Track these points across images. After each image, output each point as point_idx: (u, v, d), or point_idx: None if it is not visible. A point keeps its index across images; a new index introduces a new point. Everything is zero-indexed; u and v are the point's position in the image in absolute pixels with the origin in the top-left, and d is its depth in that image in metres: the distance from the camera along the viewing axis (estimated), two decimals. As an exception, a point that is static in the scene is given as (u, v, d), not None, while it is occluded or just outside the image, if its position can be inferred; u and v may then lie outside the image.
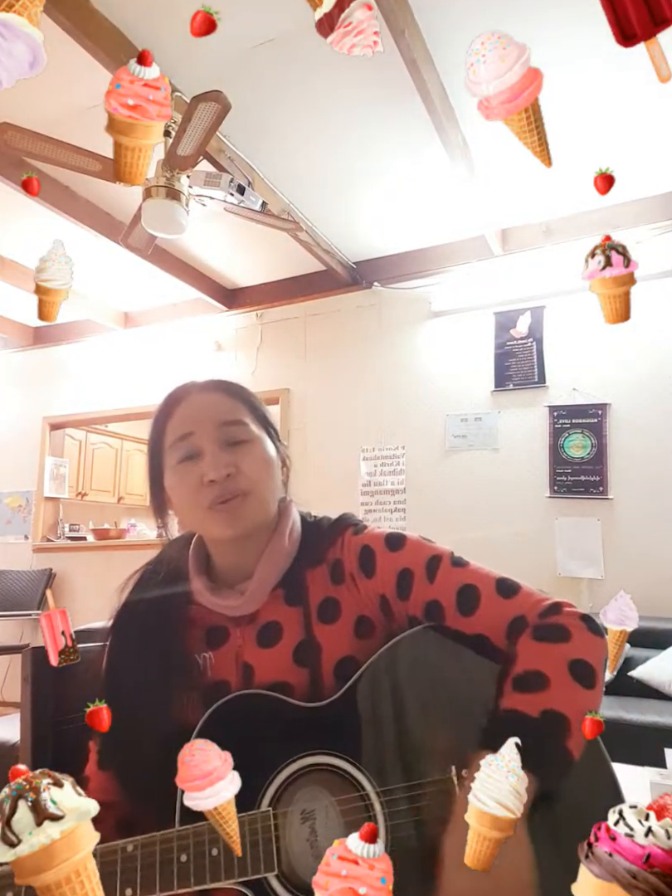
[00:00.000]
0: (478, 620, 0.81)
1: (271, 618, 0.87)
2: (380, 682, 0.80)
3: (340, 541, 0.91)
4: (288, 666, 0.84)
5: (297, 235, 3.43)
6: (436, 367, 4.01)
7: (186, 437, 0.86)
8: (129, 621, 0.91)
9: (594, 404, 3.55)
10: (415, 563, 0.85)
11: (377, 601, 0.87)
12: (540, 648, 0.76)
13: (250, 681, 0.85)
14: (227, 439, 0.86)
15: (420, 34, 2.31)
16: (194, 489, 0.84)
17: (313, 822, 0.74)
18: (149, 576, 0.95)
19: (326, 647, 0.85)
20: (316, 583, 0.89)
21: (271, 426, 0.94)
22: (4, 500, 5.23)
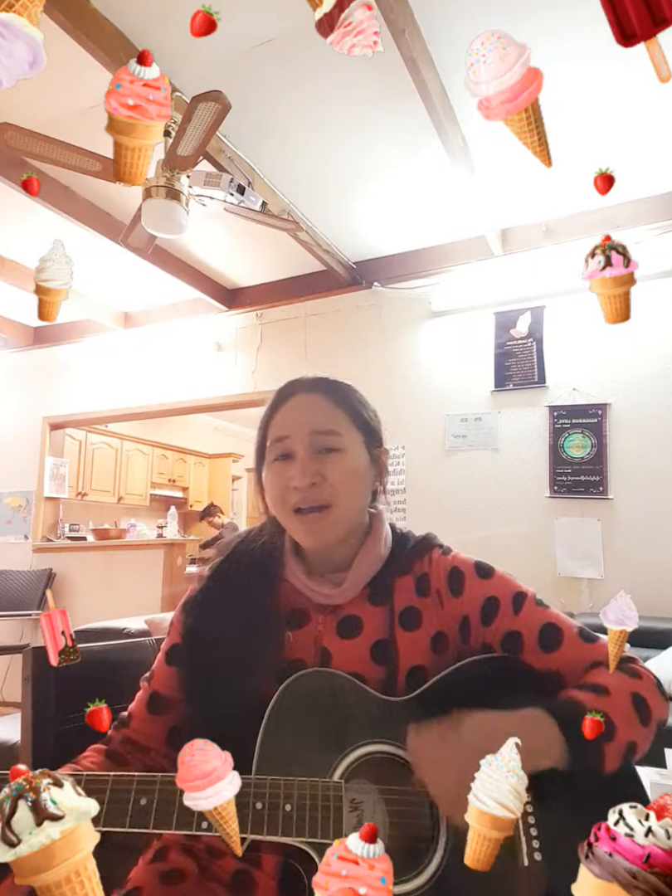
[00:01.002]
0: (557, 658, 0.85)
1: (353, 612, 0.90)
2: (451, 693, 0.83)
3: (428, 557, 0.94)
4: (364, 660, 0.87)
5: (297, 235, 3.43)
6: (436, 367, 4.01)
7: (283, 440, 0.90)
8: (222, 581, 0.94)
9: (594, 404, 3.55)
10: (502, 594, 0.89)
11: (458, 621, 0.89)
12: (612, 675, 0.79)
13: (327, 665, 0.88)
14: (319, 447, 0.89)
15: (420, 34, 2.31)
16: (282, 490, 0.89)
17: (360, 814, 0.77)
18: (248, 542, 0.99)
19: (403, 651, 0.87)
20: (401, 590, 0.91)
21: (373, 433, 0.97)
22: (4, 499, 5.23)
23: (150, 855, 0.85)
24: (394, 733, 0.80)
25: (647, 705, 0.78)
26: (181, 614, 0.95)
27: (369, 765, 0.78)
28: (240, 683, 0.84)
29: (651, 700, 0.79)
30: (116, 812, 0.70)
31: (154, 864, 0.83)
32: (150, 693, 0.93)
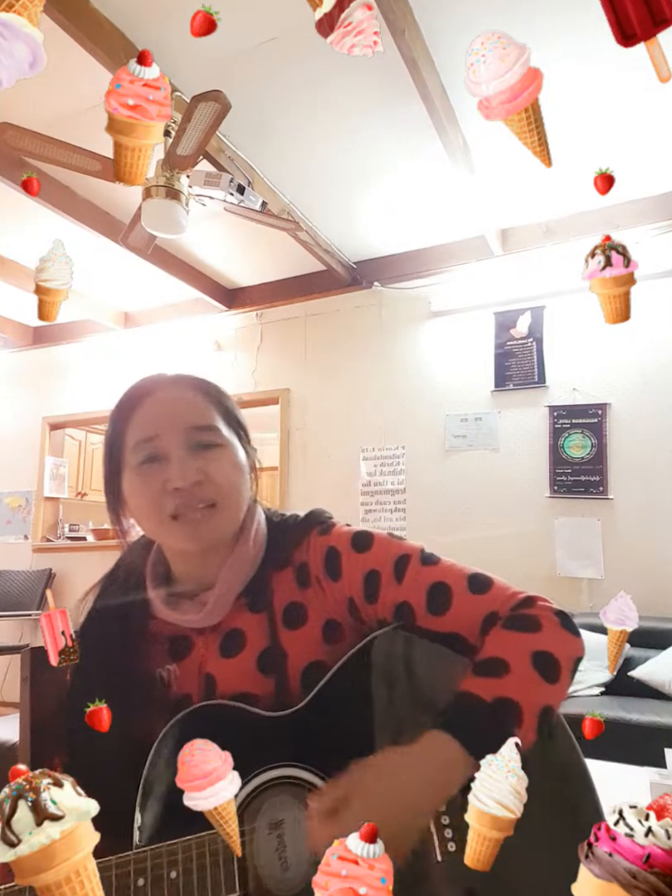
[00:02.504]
0: (450, 619, 0.78)
1: (234, 625, 0.83)
2: (346, 687, 0.77)
3: (307, 542, 0.86)
4: (252, 675, 0.81)
5: (297, 235, 3.43)
6: (436, 367, 4.01)
7: (151, 440, 0.79)
8: (89, 636, 0.85)
9: (594, 404, 3.55)
10: (382, 564, 0.81)
11: (345, 604, 0.83)
12: (506, 636, 0.74)
13: (212, 692, 0.81)
14: (197, 443, 0.80)
15: (420, 34, 2.31)
16: (156, 495, 0.78)
17: (282, 833, 0.72)
18: (108, 587, 0.90)
19: (292, 653, 0.81)
20: (281, 587, 0.85)
21: (242, 429, 0.88)
22: (4, 500, 5.23)
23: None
24: (286, 752, 0.74)
25: (552, 659, 0.72)
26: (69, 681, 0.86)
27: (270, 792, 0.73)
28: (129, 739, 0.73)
29: (556, 650, 0.73)
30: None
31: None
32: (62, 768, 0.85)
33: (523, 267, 3.78)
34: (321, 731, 0.75)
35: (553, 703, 0.71)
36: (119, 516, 0.86)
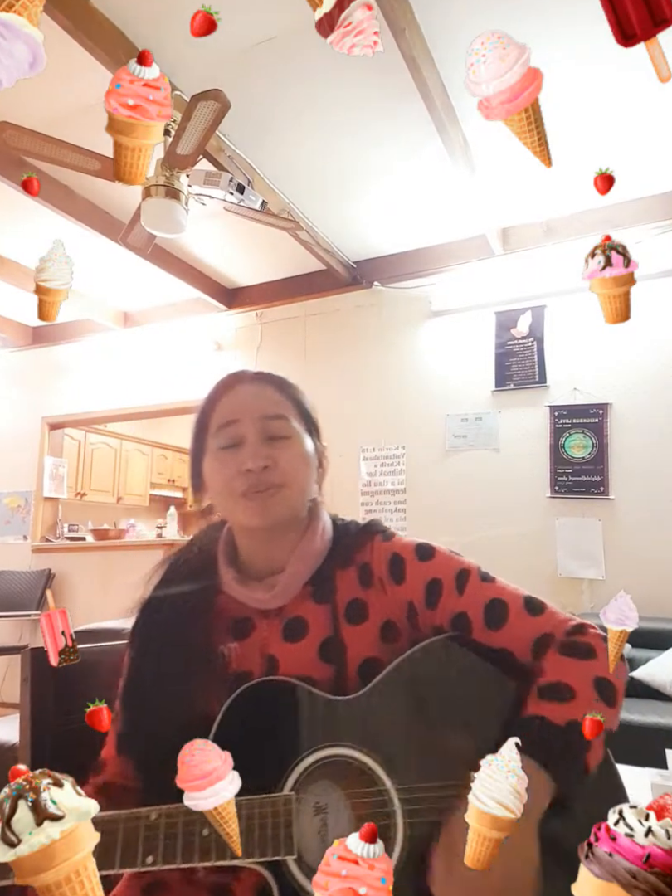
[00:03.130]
0: (504, 635, 0.83)
1: (298, 613, 0.89)
2: (403, 683, 0.82)
3: (370, 546, 0.92)
4: (313, 661, 0.85)
5: (297, 235, 3.43)
6: (436, 367, 4.01)
7: (230, 425, 0.89)
8: (156, 609, 0.92)
9: (595, 404, 3.55)
10: (444, 575, 0.87)
11: (404, 608, 0.88)
12: (567, 663, 0.78)
13: (274, 673, 0.86)
14: (269, 433, 0.88)
15: (420, 33, 2.31)
16: (231, 476, 0.86)
17: (325, 816, 0.75)
18: (179, 562, 0.96)
19: (352, 646, 0.86)
20: (344, 583, 0.90)
21: (314, 425, 0.97)
22: (3, 500, 5.23)
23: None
24: (344, 734, 0.78)
25: (610, 685, 0.77)
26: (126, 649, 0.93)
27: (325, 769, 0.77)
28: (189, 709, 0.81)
29: (613, 677, 0.77)
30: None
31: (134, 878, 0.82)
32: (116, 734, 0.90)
33: (524, 266, 3.78)
34: (377, 719, 0.79)
35: (613, 726, 0.76)
36: (200, 496, 0.94)
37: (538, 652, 0.82)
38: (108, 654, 1.18)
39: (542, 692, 0.76)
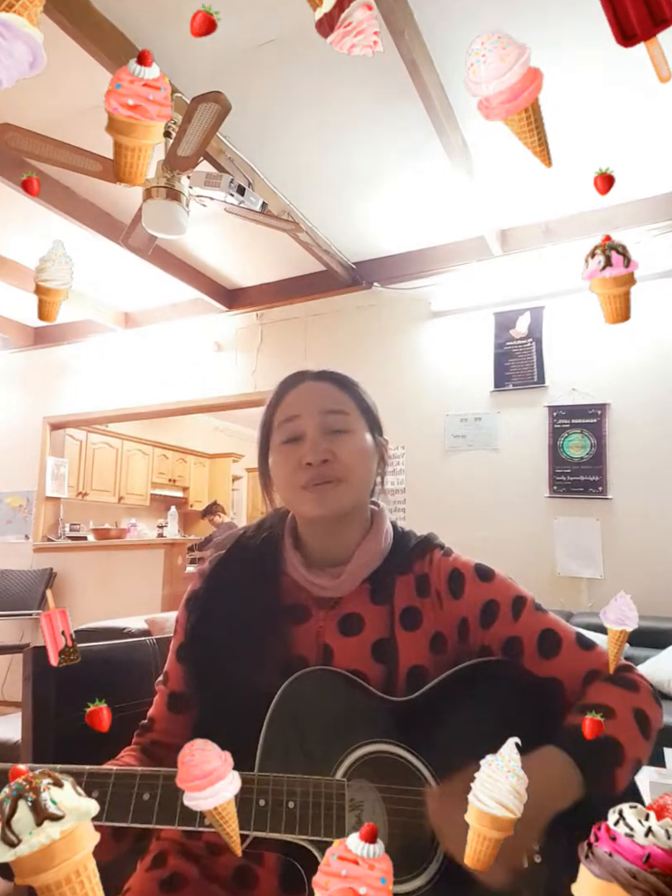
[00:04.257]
0: (556, 665, 0.85)
1: (354, 609, 0.90)
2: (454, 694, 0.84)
3: (430, 557, 0.94)
4: (366, 658, 0.87)
5: (297, 236, 3.43)
6: (436, 367, 4.01)
7: (292, 420, 0.92)
8: (222, 578, 0.94)
9: (593, 404, 3.55)
10: (502, 598, 0.89)
11: (457, 623, 0.89)
12: (611, 690, 0.81)
13: (329, 662, 0.88)
14: (329, 427, 0.91)
15: (420, 34, 2.31)
16: (293, 469, 0.89)
17: (360, 813, 0.76)
18: (248, 537, 0.99)
19: (403, 651, 0.87)
20: (402, 589, 0.91)
21: (375, 421, 0.99)
22: (5, 499, 5.23)
23: (149, 861, 0.84)
24: (396, 733, 0.80)
25: (647, 719, 0.79)
26: (185, 612, 0.95)
27: (371, 764, 0.78)
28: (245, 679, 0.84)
29: (650, 713, 0.80)
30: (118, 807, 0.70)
31: (153, 871, 0.83)
32: (169, 693, 0.94)
33: (523, 267, 3.78)
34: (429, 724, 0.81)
35: (644, 758, 0.78)
36: (268, 487, 0.97)
37: (586, 684, 0.84)
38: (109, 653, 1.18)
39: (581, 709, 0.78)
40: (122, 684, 1.09)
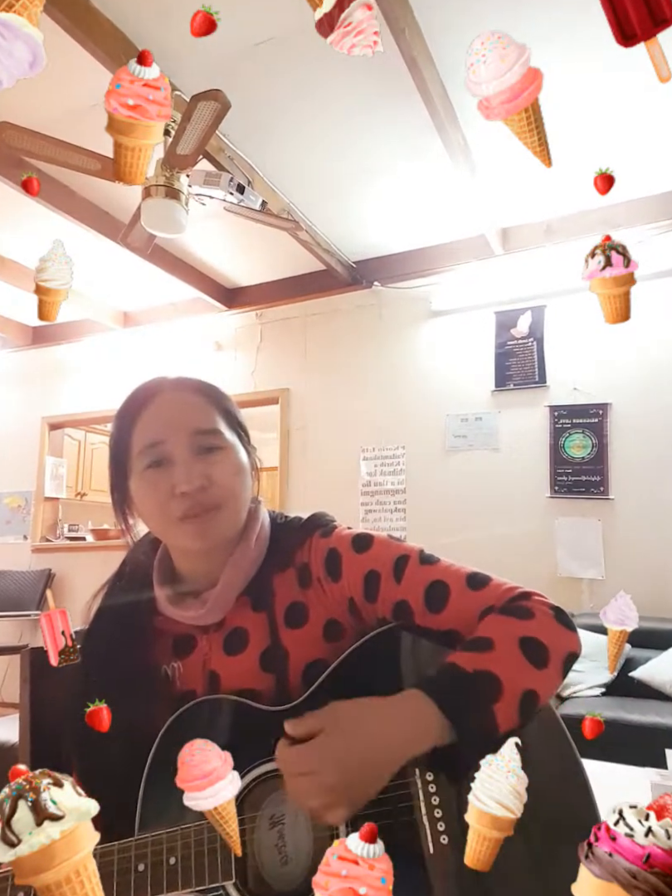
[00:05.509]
0: (448, 616, 0.79)
1: (238, 624, 0.86)
2: (345, 684, 0.78)
3: (308, 543, 0.89)
4: (254, 672, 0.83)
5: (297, 235, 3.43)
6: (436, 367, 4.01)
7: (156, 445, 0.82)
8: (96, 633, 0.88)
9: (595, 404, 3.55)
10: (381, 564, 0.83)
11: (346, 604, 0.85)
12: (496, 620, 0.75)
13: (216, 689, 0.84)
14: (200, 447, 0.82)
15: (420, 33, 2.31)
16: (164, 499, 0.80)
17: (282, 828, 0.73)
18: (116, 584, 0.93)
19: (293, 652, 0.83)
20: (283, 587, 0.87)
21: (243, 430, 0.90)
22: (3, 500, 5.23)
23: None
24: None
25: (540, 646, 0.73)
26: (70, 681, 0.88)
27: (266, 783, 0.75)
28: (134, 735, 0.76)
29: (546, 638, 0.73)
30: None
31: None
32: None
33: (524, 266, 3.78)
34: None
35: (538, 688, 0.71)
36: (126, 516, 0.89)
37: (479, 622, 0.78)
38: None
39: (463, 645, 0.75)
40: (121, 684, 1.09)
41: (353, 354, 4.23)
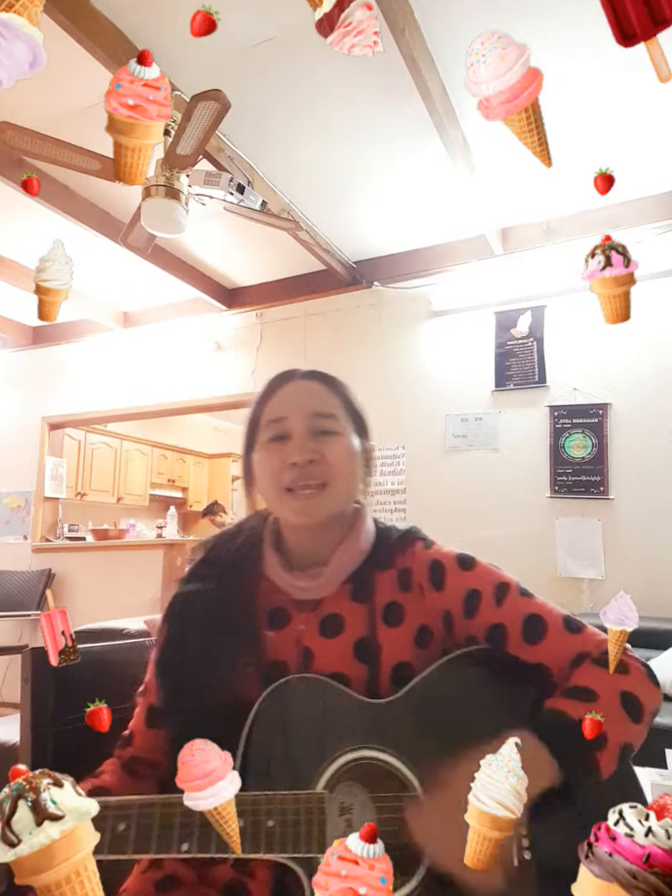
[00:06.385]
0: (541, 651, 0.83)
1: (335, 610, 0.89)
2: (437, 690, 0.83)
3: (411, 551, 0.94)
4: (348, 659, 0.86)
5: (297, 235, 3.43)
6: (436, 367, 4.01)
7: (279, 421, 0.91)
8: (198, 586, 0.93)
9: (595, 404, 3.55)
10: (484, 586, 0.88)
11: (440, 615, 0.89)
12: (596, 672, 0.79)
13: (309, 666, 0.87)
14: (317, 428, 0.90)
15: (420, 33, 2.31)
16: (277, 469, 0.88)
17: (350, 818, 0.76)
18: (224, 543, 0.98)
19: (386, 648, 0.86)
20: (384, 585, 0.91)
21: (363, 424, 0.98)
22: (3, 500, 5.23)
23: (145, 863, 0.84)
24: (379, 737, 0.79)
25: (637, 702, 0.77)
26: (164, 622, 0.94)
27: (355, 771, 0.78)
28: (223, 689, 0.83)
29: (641, 695, 0.78)
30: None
31: (148, 872, 0.82)
32: (147, 707, 0.92)
33: (524, 266, 3.77)
34: (410, 724, 0.80)
35: (634, 741, 0.76)
36: (250, 487, 0.96)
37: (574, 667, 0.82)
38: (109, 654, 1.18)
39: (566, 692, 0.78)
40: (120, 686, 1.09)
41: (353, 354, 4.23)
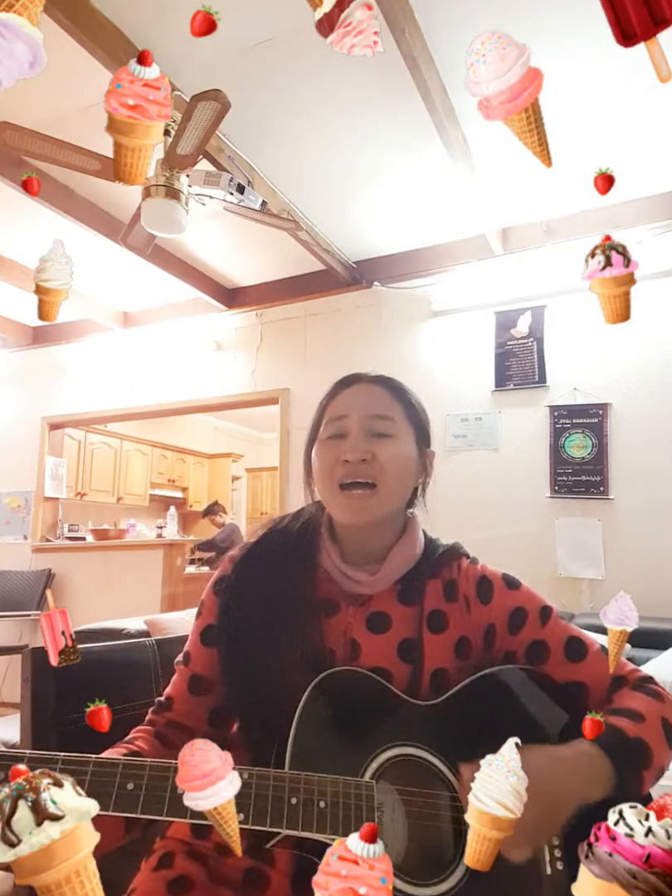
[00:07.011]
0: (583, 669, 0.88)
1: (382, 608, 0.92)
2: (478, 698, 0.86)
3: (457, 564, 0.97)
4: (391, 656, 0.89)
5: (297, 235, 3.43)
6: (436, 367, 4.01)
7: (340, 419, 0.95)
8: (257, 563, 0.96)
9: (595, 404, 3.55)
10: (530, 606, 0.92)
11: (483, 628, 0.92)
12: (639, 697, 0.85)
13: (356, 657, 0.90)
14: (373, 430, 0.93)
15: (420, 33, 2.31)
16: (331, 465, 0.92)
17: (380, 815, 0.77)
18: (283, 524, 1.01)
19: (428, 652, 0.89)
20: (431, 593, 0.94)
21: (423, 431, 1.00)
22: (3, 500, 5.23)
23: (155, 861, 0.84)
24: (422, 736, 0.82)
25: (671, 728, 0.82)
26: (213, 595, 0.96)
27: (398, 766, 0.79)
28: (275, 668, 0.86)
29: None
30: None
31: (159, 871, 0.82)
32: (190, 675, 0.94)
33: (524, 267, 3.77)
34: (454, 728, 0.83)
35: (667, 765, 0.81)
36: (310, 479, 1.00)
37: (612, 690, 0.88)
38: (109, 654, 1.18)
39: (616, 712, 0.82)
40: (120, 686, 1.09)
41: (353, 354, 4.22)
